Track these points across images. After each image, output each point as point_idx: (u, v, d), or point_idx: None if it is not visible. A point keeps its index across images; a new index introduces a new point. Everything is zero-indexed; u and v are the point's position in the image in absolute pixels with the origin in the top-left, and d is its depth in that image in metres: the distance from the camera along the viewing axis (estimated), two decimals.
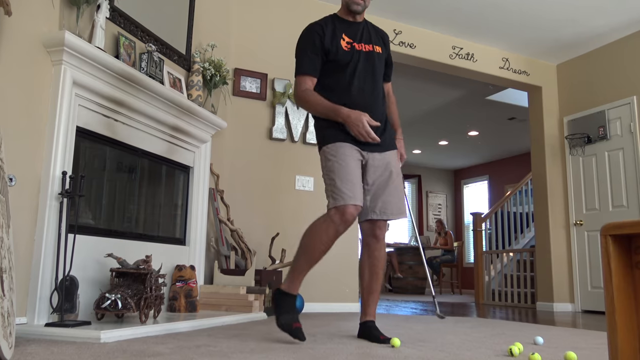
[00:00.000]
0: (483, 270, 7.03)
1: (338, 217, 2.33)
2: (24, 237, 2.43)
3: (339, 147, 2.42)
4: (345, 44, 2.53)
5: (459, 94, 7.37)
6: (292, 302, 2.39)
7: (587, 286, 5.64)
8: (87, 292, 2.70)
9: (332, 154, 2.42)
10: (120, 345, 2.07)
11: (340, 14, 2.63)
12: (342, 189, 2.33)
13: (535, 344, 2.55)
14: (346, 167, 2.37)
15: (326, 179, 2.43)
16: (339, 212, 2.33)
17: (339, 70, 2.51)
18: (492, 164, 11.25)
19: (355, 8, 2.56)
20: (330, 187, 2.38)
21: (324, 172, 2.46)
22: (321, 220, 2.38)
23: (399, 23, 5.39)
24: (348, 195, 2.32)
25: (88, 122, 2.82)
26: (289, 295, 2.40)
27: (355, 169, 2.40)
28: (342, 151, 2.41)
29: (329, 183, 2.39)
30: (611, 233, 1.09)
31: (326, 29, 2.53)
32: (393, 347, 2.28)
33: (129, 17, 3.22)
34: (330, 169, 2.40)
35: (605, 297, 1.07)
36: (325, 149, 2.46)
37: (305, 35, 2.53)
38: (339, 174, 2.36)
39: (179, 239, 3.69)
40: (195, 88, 3.74)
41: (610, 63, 5.65)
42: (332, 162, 2.40)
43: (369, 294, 2.59)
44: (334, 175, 2.37)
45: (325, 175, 2.44)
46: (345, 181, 2.34)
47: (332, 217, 2.34)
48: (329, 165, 2.41)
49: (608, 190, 5.50)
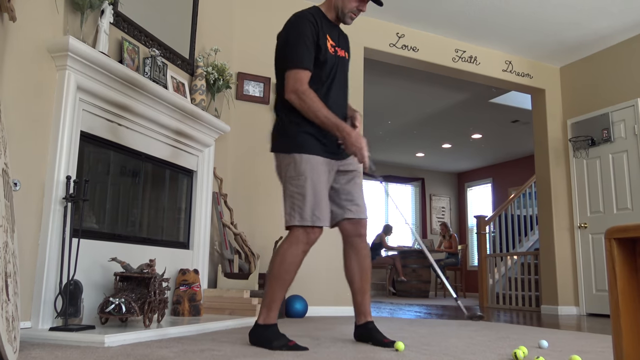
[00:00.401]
0: (487, 274, 7.01)
1: (305, 237, 2.30)
2: (28, 242, 2.43)
3: (315, 162, 2.32)
4: (330, 46, 2.43)
5: (462, 97, 7.37)
6: (276, 330, 2.30)
7: (592, 289, 5.62)
8: (91, 296, 2.70)
9: (304, 167, 2.30)
10: (125, 349, 2.07)
11: (325, 11, 2.49)
12: (313, 209, 2.27)
13: (540, 347, 2.54)
14: (319, 186, 2.31)
15: (293, 191, 2.31)
16: (307, 232, 2.29)
17: (320, 74, 2.38)
18: (495, 166, 11.23)
19: (349, 22, 2.50)
20: (299, 202, 2.28)
21: (289, 181, 2.33)
22: (287, 244, 2.31)
23: (401, 26, 5.39)
24: (316, 217, 2.28)
25: (92, 126, 2.83)
26: (270, 326, 2.30)
27: (325, 189, 2.35)
28: (318, 168, 2.32)
29: (297, 198, 2.28)
30: (616, 236, 1.09)
31: (318, 22, 2.39)
32: (397, 350, 2.27)
33: (133, 22, 3.23)
34: (302, 184, 2.29)
35: (610, 301, 1.07)
36: (299, 157, 2.32)
37: (300, 23, 2.34)
38: (311, 193, 2.28)
39: (183, 242, 3.69)
40: (198, 92, 3.75)
41: (614, 65, 5.64)
42: (305, 177, 2.29)
43: (363, 295, 2.54)
44: (304, 192, 2.27)
45: (292, 186, 2.31)
46: (316, 202, 2.28)
47: (300, 237, 2.29)
48: (300, 179, 2.29)
49: (612, 192, 5.48)
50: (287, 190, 2.34)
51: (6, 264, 1.78)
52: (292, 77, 2.31)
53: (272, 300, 2.32)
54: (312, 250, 4.54)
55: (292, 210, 2.30)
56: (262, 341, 2.27)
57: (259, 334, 2.30)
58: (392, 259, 9.54)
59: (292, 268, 2.31)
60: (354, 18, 2.49)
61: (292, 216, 2.30)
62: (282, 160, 2.38)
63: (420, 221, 11.58)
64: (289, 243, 2.31)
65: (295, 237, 2.30)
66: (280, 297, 2.34)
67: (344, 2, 2.45)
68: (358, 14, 2.49)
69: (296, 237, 2.30)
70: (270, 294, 2.33)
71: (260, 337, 2.29)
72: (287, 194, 2.34)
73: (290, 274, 2.32)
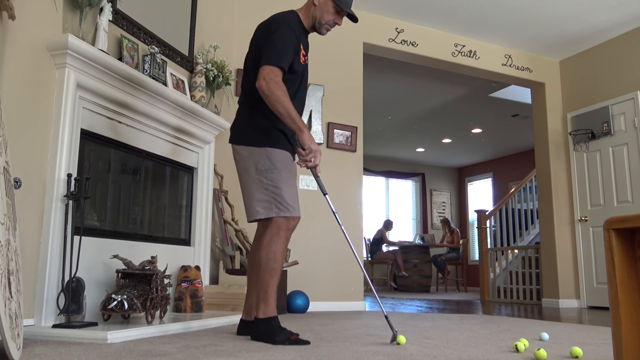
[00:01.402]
0: (488, 268, 7.02)
1: (286, 225, 2.36)
2: (30, 240, 2.44)
3: (285, 157, 2.42)
4: (302, 56, 2.47)
5: (462, 91, 7.36)
6: (277, 323, 2.32)
7: (593, 282, 5.63)
8: (94, 294, 2.71)
9: (278, 160, 2.38)
10: (127, 346, 2.08)
11: (302, 18, 2.51)
12: (289, 201, 2.36)
13: (541, 340, 2.55)
14: (292, 179, 2.42)
15: (268, 184, 2.35)
16: (288, 221, 2.36)
17: (291, 82, 2.41)
18: (496, 161, 11.22)
19: (324, 33, 2.55)
20: (275, 195, 2.34)
21: (262, 173, 2.37)
22: (270, 235, 2.35)
23: (401, 21, 5.39)
24: (294, 207, 2.37)
25: (92, 124, 2.83)
26: (270, 319, 2.32)
27: (294, 181, 2.45)
28: (288, 161, 2.43)
29: (273, 191, 2.35)
30: (614, 227, 1.10)
31: (298, 33, 2.43)
32: (399, 344, 2.28)
33: (132, 20, 3.23)
34: (276, 177, 2.36)
35: (609, 291, 1.08)
36: (272, 151, 2.38)
37: (288, 28, 2.38)
38: (286, 185, 2.37)
39: (184, 239, 3.70)
40: (198, 89, 3.75)
41: (613, 58, 5.63)
42: (279, 170, 2.37)
43: None
44: (280, 184, 2.35)
45: (266, 179, 2.36)
46: (292, 194, 2.38)
47: (282, 226, 2.35)
48: (274, 172, 2.36)
49: (612, 185, 5.48)
50: (260, 183, 2.37)
51: (9, 261, 1.79)
52: (269, 69, 2.30)
53: (267, 293, 2.33)
54: (313, 247, 4.58)
55: (268, 202, 2.35)
56: (264, 335, 2.29)
57: (261, 327, 2.31)
58: (393, 254, 9.55)
59: (279, 257, 2.35)
60: (329, 30, 2.53)
61: (269, 209, 2.35)
62: (250, 153, 2.41)
63: (421, 216, 11.59)
64: (272, 234, 2.35)
65: (277, 227, 2.35)
66: (274, 287, 2.35)
67: (322, 14, 2.48)
68: (333, 26, 2.53)
69: (278, 226, 2.35)
70: (263, 287, 2.34)
71: (262, 332, 2.30)
72: (260, 186, 2.37)
73: (278, 263, 2.35)
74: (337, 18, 2.50)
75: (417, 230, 11.47)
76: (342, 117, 5.01)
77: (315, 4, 2.48)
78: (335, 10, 2.48)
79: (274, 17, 2.46)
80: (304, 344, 2.23)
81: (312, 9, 2.49)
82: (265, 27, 2.45)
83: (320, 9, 2.47)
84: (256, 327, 2.34)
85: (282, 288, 4.13)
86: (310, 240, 4.57)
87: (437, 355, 1.99)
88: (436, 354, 2.03)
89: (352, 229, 4.87)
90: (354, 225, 4.89)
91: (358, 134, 5.05)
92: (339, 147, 4.93)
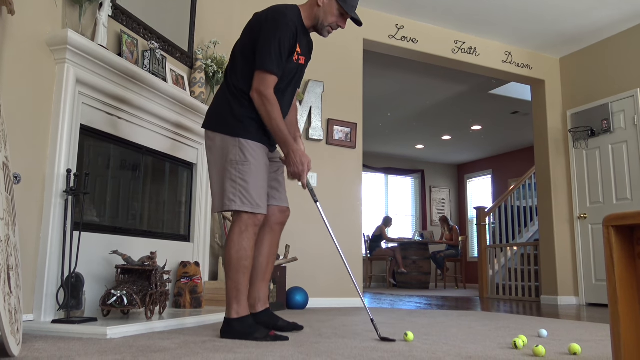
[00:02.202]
0: (487, 265, 7.03)
1: (253, 221, 2.31)
2: (30, 235, 2.44)
3: (258, 149, 2.35)
4: (295, 56, 2.44)
5: (462, 88, 7.36)
6: (251, 322, 2.28)
7: (592, 279, 5.64)
8: (93, 289, 2.71)
9: (249, 153, 2.32)
10: (127, 341, 2.09)
11: (304, 16, 2.47)
12: (256, 197, 2.30)
13: (540, 336, 2.56)
14: (262, 174, 2.36)
15: (235, 176, 2.30)
16: (255, 218, 2.32)
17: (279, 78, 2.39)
18: (495, 158, 11.23)
19: (325, 35, 2.52)
20: (241, 188, 2.29)
21: (231, 164, 2.31)
22: (238, 232, 2.30)
23: (401, 18, 5.38)
24: (260, 205, 2.32)
25: (92, 120, 2.83)
26: (244, 318, 2.28)
27: (265, 177, 2.40)
28: (260, 154, 2.36)
29: (240, 183, 2.29)
30: (613, 224, 1.10)
31: (296, 31, 2.39)
32: (406, 341, 2.29)
33: (132, 15, 3.22)
34: (246, 170, 2.30)
35: (607, 288, 1.08)
36: (245, 143, 2.32)
37: (284, 28, 2.33)
38: (254, 180, 2.31)
39: (184, 235, 3.70)
40: (198, 85, 3.75)
41: (613, 56, 5.63)
42: (250, 163, 2.31)
43: (265, 282, 2.54)
44: (247, 178, 2.29)
45: (235, 170, 2.30)
46: (259, 189, 2.33)
47: (248, 222, 2.30)
48: (245, 165, 2.30)
49: (612, 183, 5.49)
50: (228, 174, 2.32)
51: (8, 257, 1.79)
52: (261, 77, 2.31)
53: (239, 291, 2.28)
54: (312, 243, 4.58)
55: (234, 195, 2.29)
56: (240, 334, 2.23)
57: (234, 328, 2.25)
58: (392, 251, 9.56)
59: (249, 254, 2.30)
60: (330, 32, 2.51)
61: (232, 201, 2.29)
62: (223, 142, 2.36)
63: (420, 213, 11.60)
64: (240, 231, 2.30)
65: (244, 223, 2.30)
66: (246, 285, 2.31)
67: (326, 15, 2.45)
68: (336, 29, 2.51)
69: (245, 222, 2.30)
70: (234, 286, 2.28)
71: (237, 332, 2.24)
72: (227, 177, 2.32)
73: (248, 260, 2.30)
74: (340, 21, 2.47)
75: (416, 227, 11.48)
76: (342, 114, 5.00)
77: (320, 5, 2.43)
78: (339, 13, 2.45)
79: (275, 11, 2.40)
80: (283, 339, 2.22)
81: (316, 9, 2.45)
82: (265, 20, 2.39)
83: (324, 10, 2.44)
84: (228, 327, 2.27)
85: (281, 284, 4.13)
86: (309, 236, 4.58)
87: (435, 352, 2.00)
88: (435, 350, 2.03)
89: (351, 226, 4.88)
90: (354, 222, 4.90)
91: (358, 130, 5.05)
92: (338, 143, 4.93)
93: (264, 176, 2.37)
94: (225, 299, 2.32)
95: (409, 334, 2.31)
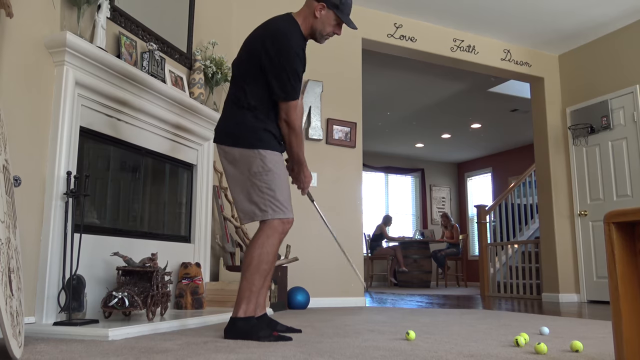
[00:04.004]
0: (488, 263, 7.03)
1: (282, 228, 2.36)
2: (30, 238, 2.44)
3: (277, 157, 2.41)
4: None
5: (461, 86, 7.36)
6: (256, 322, 2.30)
7: (593, 276, 5.64)
8: (94, 291, 2.71)
9: (271, 162, 2.36)
10: (128, 343, 2.09)
11: (303, 29, 2.47)
12: (284, 202, 2.37)
13: (541, 334, 2.56)
14: (286, 181, 2.43)
15: (262, 186, 2.34)
16: (283, 224, 2.36)
17: None
18: (495, 156, 11.22)
19: (322, 42, 2.56)
20: (270, 197, 2.34)
21: (255, 176, 2.35)
22: (265, 236, 2.33)
23: (399, 17, 5.38)
24: (289, 209, 2.38)
25: (91, 122, 2.83)
26: (250, 318, 2.29)
27: (288, 182, 2.46)
28: (280, 161, 2.42)
29: (268, 192, 2.34)
30: (614, 221, 1.10)
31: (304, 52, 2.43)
32: (408, 340, 2.29)
33: (130, 17, 3.22)
34: (271, 179, 2.35)
35: (609, 285, 1.08)
36: (265, 153, 2.36)
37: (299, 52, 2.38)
38: (280, 187, 2.37)
39: (184, 236, 3.70)
40: (197, 86, 3.75)
41: (612, 52, 5.63)
42: (273, 172, 2.35)
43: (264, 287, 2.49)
44: (274, 187, 2.35)
45: (260, 181, 2.35)
46: (286, 195, 2.39)
47: (277, 228, 2.34)
48: (269, 175, 2.35)
49: (612, 180, 5.48)
50: (254, 186, 2.35)
51: (9, 259, 1.79)
52: (287, 107, 2.38)
53: (252, 293, 2.30)
54: (314, 243, 4.58)
55: (264, 205, 2.34)
56: (244, 333, 2.25)
57: (239, 327, 2.27)
58: (393, 250, 9.56)
59: (270, 259, 2.33)
60: (327, 39, 2.57)
61: (264, 211, 2.34)
62: (242, 155, 2.38)
63: (420, 212, 11.59)
64: (267, 235, 2.33)
65: (273, 229, 2.34)
66: (259, 288, 2.33)
67: (324, 26, 2.48)
68: (332, 36, 2.56)
69: (274, 228, 2.34)
70: (248, 287, 2.30)
71: (241, 331, 2.26)
72: (254, 188, 2.35)
73: (269, 265, 2.33)
74: (337, 29, 2.52)
75: (416, 225, 11.48)
76: (341, 113, 5.00)
77: (317, 17, 2.45)
78: (336, 23, 2.50)
79: (283, 34, 2.39)
80: (286, 339, 2.23)
81: (313, 21, 2.47)
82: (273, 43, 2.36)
83: (321, 22, 2.47)
84: (233, 326, 2.28)
85: (283, 284, 4.13)
86: (310, 236, 4.58)
87: (437, 350, 2.00)
88: (437, 349, 2.03)
89: (351, 225, 4.88)
90: (354, 221, 4.90)
91: (357, 129, 5.04)
92: (338, 143, 4.93)
93: (287, 182, 2.44)
94: (236, 299, 2.33)
95: (411, 333, 2.31)
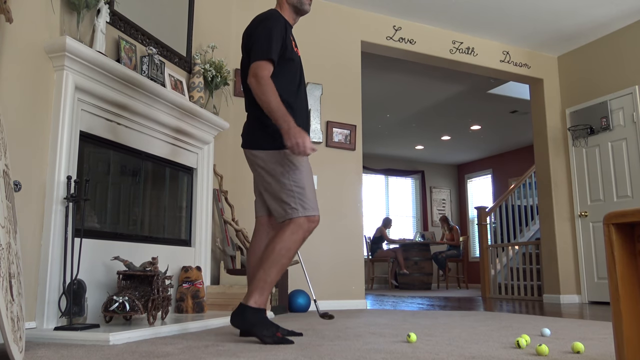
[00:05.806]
0: (489, 264, 7.03)
1: (308, 225, 2.38)
2: (31, 242, 2.44)
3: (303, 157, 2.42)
4: (294, 46, 2.54)
5: (460, 88, 7.36)
6: (265, 317, 2.31)
7: (594, 277, 5.63)
8: (95, 295, 2.71)
9: (296, 160, 2.40)
10: (129, 347, 2.09)
11: (286, 15, 2.53)
12: (312, 200, 2.40)
13: (543, 335, 2.55)
14: (311, 178, 2.46)
15: (291, 185, 2.38)
16: (310, 221, 2.39)
17: (292, 71, 2.48)
18: (495, 157, 11.23)
19: (307, 8, 2.58)
20: (300, 195, 2.37)
21: (283, 175, 2.38)
22: (289, 232, 2.34)
23: (398, 19, 5.38)
24: (314, 207, 2.41)
25: (91, 126, 2.83)
26: (260, 310, 2.30)
27: (313, 180, 2.49)
28: (305, 159, 2.44)
29: (297, 190, 2.37)
30: (614, 222, 1.10)
31: (285, 24, 2.47)
32: (409, 342, 2.28)
33: (129, 21, 3.23)
34: (299, 177, 2.39)
35: (609, 285, 1.08)
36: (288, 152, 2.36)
37: (276, 20, 2.42)
38: (308, 184, 2.41)
39: (185, 240, 3.70)
40: (196, 90, 3.75)
41: (611, 53, 5.63)
42: (299, 169, 2.40)
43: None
44: (301, 184, 2.39)
45: (289, 180, 2.38)
46: (313, 192, 2.43)
47: (302, 225, 2.36)
48: (297, 173, 2.39)
49: (612, 180, 5.49)
50: (283, 185, 2.39)
51: (9, 264, 1.79)
52: (256, 65, 2.34)
53: (267, 284, 2.31)
54: (314, 245, 4.58)
55: (294, 203, 2.37)
56: (252, 324, 2.26)
57: (247, 317, 2.28)
58: (394, 252, 9.55)
59: (290, 254, 2.35)
60: (310, 3, 2.59)
61: (295, 209, 2.36)
62: (268, 156, 2.42)
63: (421, 214, 11.59)
64: (292, 231, 2.35)
65: (299, 226, 2.36)
66: (275, 281, 2.35)
67: None
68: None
69: (299, 225, 2.36)
70: (264, 278, 2.30)
71: (248, 322, 2.27)
72: (284, 188, 2.38)
73: (288, 259, 2.36)
74: None
75: (417, 227, 11.48)
76: (341, 116, 5.01)
77: None
78: None
79: (256, 17, 2.52)
80: (288, 343, 2.23)
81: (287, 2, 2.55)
82: (249, 28, 2.50)
83: None
84: (242, 314, 2.29)
85: (284, 287, 4.13)
86: (311, 239, 4.56)
87: (439, 352, 2.00)
88: (438, 351, 2.03)
89: (352, 228, 4.88)
90: (354, 224, 4.90)
91: (357, 132, 5.05)
92: (338, 145, 4.93)
93: (312, 180, 2.47)
94: (250, 287, 2.35)
95: (412, 335, 2.31)
